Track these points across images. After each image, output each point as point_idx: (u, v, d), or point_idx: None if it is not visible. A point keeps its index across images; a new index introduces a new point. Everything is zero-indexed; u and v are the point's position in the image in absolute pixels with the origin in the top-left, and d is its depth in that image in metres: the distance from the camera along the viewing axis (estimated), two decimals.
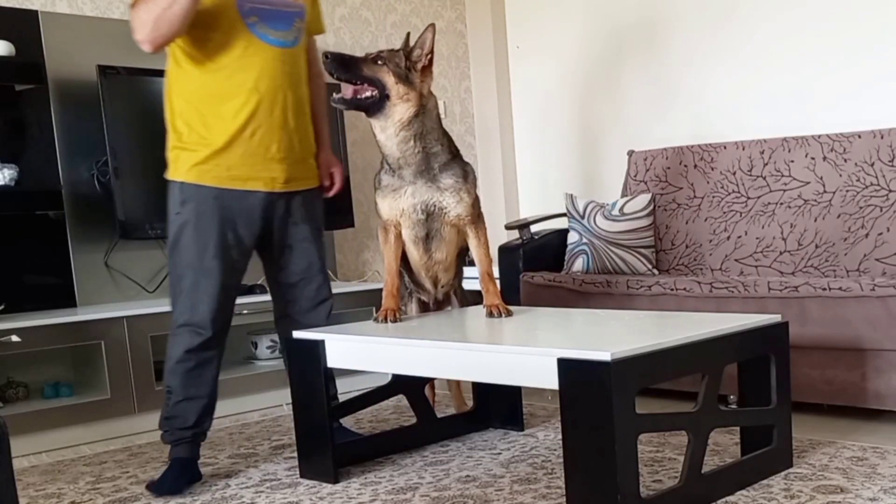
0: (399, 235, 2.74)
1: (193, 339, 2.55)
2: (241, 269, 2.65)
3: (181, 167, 2.55)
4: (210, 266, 2.54)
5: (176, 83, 2.57)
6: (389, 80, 2.61)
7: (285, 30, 2.59)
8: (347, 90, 2.64)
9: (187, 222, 2.54)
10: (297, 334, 2.63)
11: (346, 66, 2.61)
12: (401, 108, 2.62)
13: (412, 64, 2.65)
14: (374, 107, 2.62)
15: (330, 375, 2.64)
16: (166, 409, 2.61)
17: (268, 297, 3.67)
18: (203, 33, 2.49)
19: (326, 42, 4.44)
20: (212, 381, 2.63)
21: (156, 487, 2.55)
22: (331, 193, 2.87)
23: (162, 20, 2.37)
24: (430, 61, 2.68)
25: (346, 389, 3.46)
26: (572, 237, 3.85)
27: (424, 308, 2.93)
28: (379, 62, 2.62)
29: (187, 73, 2.54)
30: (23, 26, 3.47)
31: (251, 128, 2.53)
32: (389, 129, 2.63)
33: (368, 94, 2.62)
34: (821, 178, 3.48)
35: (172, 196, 2.57)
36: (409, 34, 2.77)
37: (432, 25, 2.68)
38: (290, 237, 2.70)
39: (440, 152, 2.68)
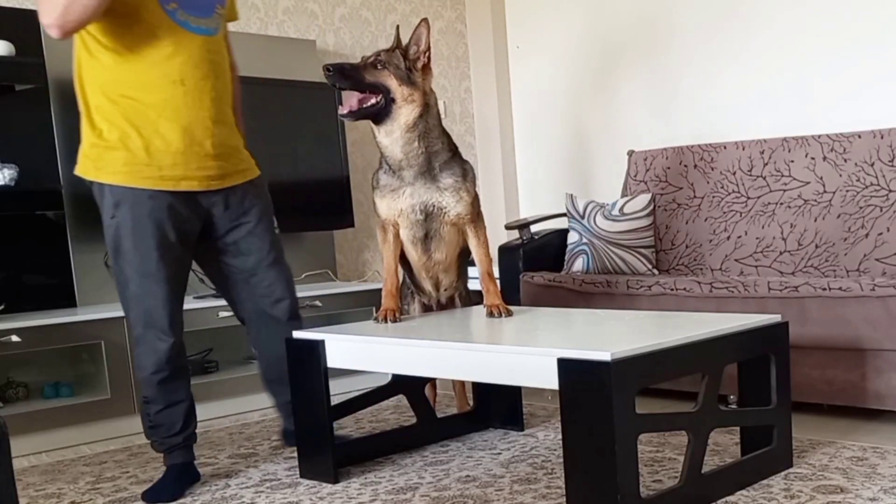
0: (398, 235, 2.74)
1: (160, 346, 2.46)
2: (187, 267, 2.55)
3: (107, 168, 2.38)
4: (156, 271, 2.41)
5: (90, 75, 2.37)
6: (393, 83, 2.60)
7: (207, 17, 2.44)
8: (352, 100, 2.61)
9: (124, 226, 2.39)
10: (297, 334, 2.62)
11: (348, 75, 2.58)
12: (406, 111, 2.61)
13: (412, 63, 2.64)
14: (381, 113, 2.61)
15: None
16: (149, 419, 2.55)
17: None
18: (118, 20, 2.30)
19: (326, 42, 4.44)
20: (187, 383, 2.58)
21: (154, 495, 2.50)
22: None
23: (75, 4, 2.18)
24: (429, 58, 2.67)
25: (346, 389, 3.46)
26: (572, 237, 3.85)
27: (427, 311, 2.92)
28: (379, 66, 2.60)
29: (103, 65, 2.35)
30: (23, 26, 3.47)
31: (179, 123, 2.38)
32: (395, 133, 2.62)
33: (374, 101, 2.59)
34: (821, 178, 3.48)
35: (103, 199, 2.41)
36: (398, 28, 2.75)
37: (425, 21, 2.66)
38: (232, 235, 2.57)
39: (441, 151, 2.68)
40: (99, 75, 2.36)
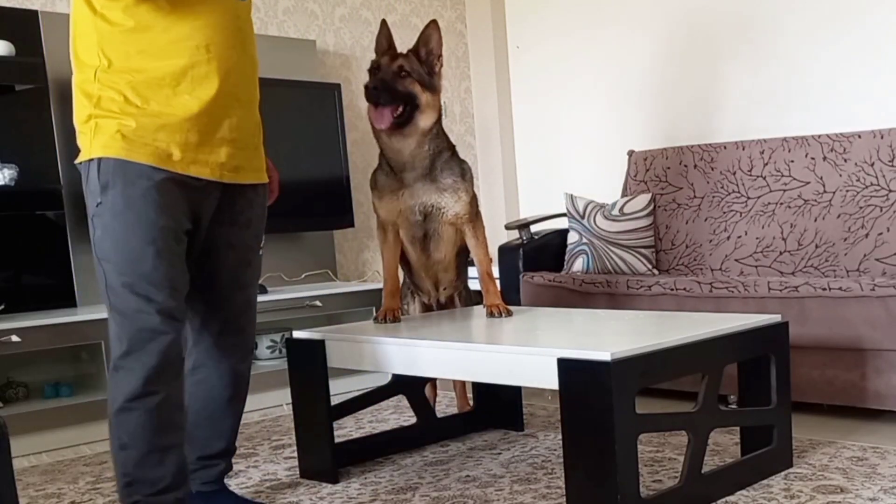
0: (397, 235, 2.74)
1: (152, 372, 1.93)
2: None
3: (101, 138, 1.91)
4: (158, 266, 1.92)
5: (88, 34, 1.96)
6: (418, 90, 2.60)
7: None
8: (385, 113, 2.56)
9: (115, 214, 1.90)
10: (297, 334, 2.63)
11: (390, 91, 2.55)
12: (427, 116, 2.61)
13: (428, 67, 2.64)
14: (406, 121, 2.60)
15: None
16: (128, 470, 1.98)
17: (268, 297, 3.69)
18: None
19: (326, 42, 4.44)
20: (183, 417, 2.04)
21: None
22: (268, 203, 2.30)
23: None
24: (442, 62, 2.68)
25: (346, 389, 3.46)
26: (572, 237, 3.85)
27: (427, 311, 2.93)
28: (403, 74, 2.59)
29: (111, 23, 1.93)
30: (23, 26, 3.47)
31: (196, 99, 1.96)
32: (412, 137, 2.61)
33: (401, 110, 2.58)
34: (821, 178, 3.48)
35: (89, 183, 1.94)
36: (384, 21, 2.71)
37: (435, 22, 2.66)
38: (215, 238, 2.10)
39: (443, 150, 2.69)
40: (102, 35, 1.93)
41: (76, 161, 2.00)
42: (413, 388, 2.91)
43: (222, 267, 2.14)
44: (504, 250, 3.81)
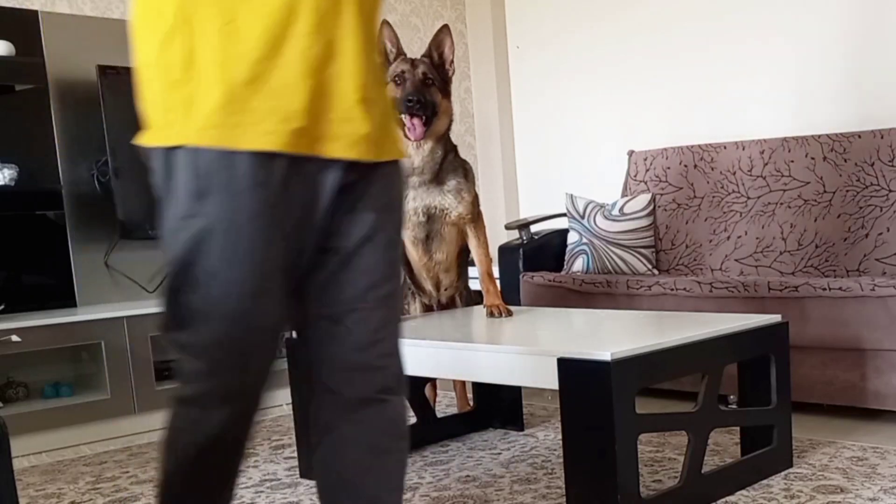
0: None
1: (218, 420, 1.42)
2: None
3: (196, 117, 1.30)
4: (262, 308, 1.38)
5: None
6: (438, 97, 2.61)
7: None
8: (418, 124, 2.56)
9: (213, 231, 1.31)
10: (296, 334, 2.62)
11: (426, 103, 2.56)
12: (443, 121, 2.64)
13: (443, 73, 2.64)
14: (427, 128, 2.60)
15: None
16: None
17: None
18: None
19: None
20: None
21: None
22: None
23: None
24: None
25: None
26: (572, 237, 3.85)
27: (428, 311, 2.93)
28: (428, 82, 2.60)
29: None
30: (23, 26, 3.47)
31: (320, 44, 1.33)
32: (428, 143, 2.61)
33: (424, 118, 2.58)
34: (821, 178, 3.48)
35: (173, 180, 1.33)
36: (387, 23, 2.70)
37: (446, 27, 2.65)
38: (351, 234, 1.44)
39: (448, 152, 2.70)
40: None
41: (144, 142, 1.36)
42: (413, 388, 2.90)
43: (363, 275, 1.47)
44: (504, 250, 3.82)
